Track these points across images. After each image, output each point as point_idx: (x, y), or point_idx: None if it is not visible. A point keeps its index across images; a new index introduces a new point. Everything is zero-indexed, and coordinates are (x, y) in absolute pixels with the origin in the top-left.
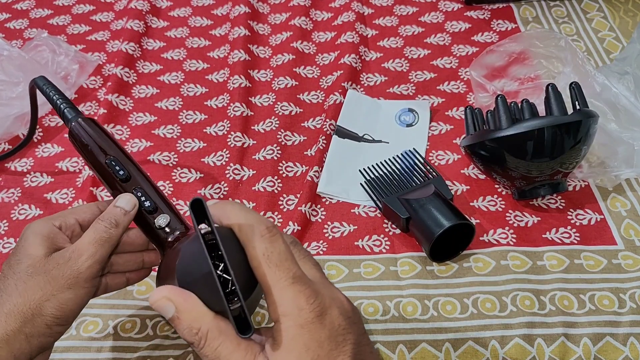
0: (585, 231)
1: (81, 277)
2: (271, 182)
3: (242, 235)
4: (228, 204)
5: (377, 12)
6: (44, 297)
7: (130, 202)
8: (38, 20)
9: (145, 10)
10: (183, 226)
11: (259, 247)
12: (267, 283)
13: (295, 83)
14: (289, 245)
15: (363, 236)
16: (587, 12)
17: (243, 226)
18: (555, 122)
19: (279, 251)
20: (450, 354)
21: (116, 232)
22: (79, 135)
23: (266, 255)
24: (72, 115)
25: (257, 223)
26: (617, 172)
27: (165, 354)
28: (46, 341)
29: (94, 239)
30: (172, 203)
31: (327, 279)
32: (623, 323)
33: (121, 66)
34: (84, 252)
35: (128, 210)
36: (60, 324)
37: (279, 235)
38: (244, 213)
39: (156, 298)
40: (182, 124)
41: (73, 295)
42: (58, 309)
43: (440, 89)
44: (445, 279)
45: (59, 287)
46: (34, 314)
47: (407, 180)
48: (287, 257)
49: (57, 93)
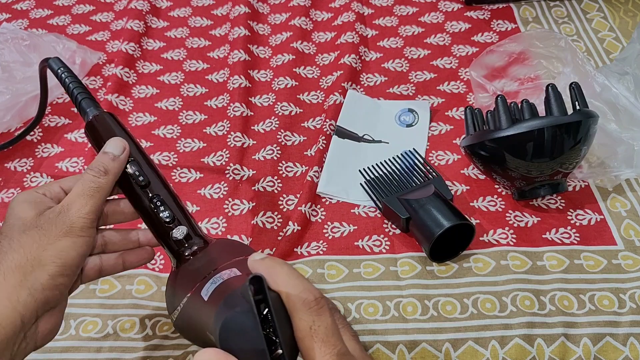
0: (585, 231)
1: (75, 227)
2: (271, 182)
3: (289, 304)
4: (277, 265)
5: (377, 12)
6: (40, 247)
7: (119, 146)
8: (38, 20)
9: (145, 10)
10: (201, 240)
11: (306, 320)
12: (311, 357)
13: (295, 83)
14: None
15: (363, 236)
16: (587, 12)
17: (291, 295)
18: (555, 122)
19: (326, 325)
20: (450, 354)
21: (106, 180)
22: (98, 131)
23: (313, 329)
24: (90, 108)
25: (306, 293)
26: (617, 172)
27: (165, 354)
28: (52, 295)
29: (83, 189)
30: (189, 213)
31: (364, 350)
32: (623, 323)
33: (121, 66)
34: (74, 205)
35: (117, 154)
36: (63, 273)
37: (326, 307)
38: (292, 280)
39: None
40: (182, 124)
41: (70, 242)
42: (57, 257)
43: (440, 89)
44: (445, 279)
45: (54, 237)
46: (33, 265)
47: (407, 180)
48: (333, 333)
49: (74, 80)
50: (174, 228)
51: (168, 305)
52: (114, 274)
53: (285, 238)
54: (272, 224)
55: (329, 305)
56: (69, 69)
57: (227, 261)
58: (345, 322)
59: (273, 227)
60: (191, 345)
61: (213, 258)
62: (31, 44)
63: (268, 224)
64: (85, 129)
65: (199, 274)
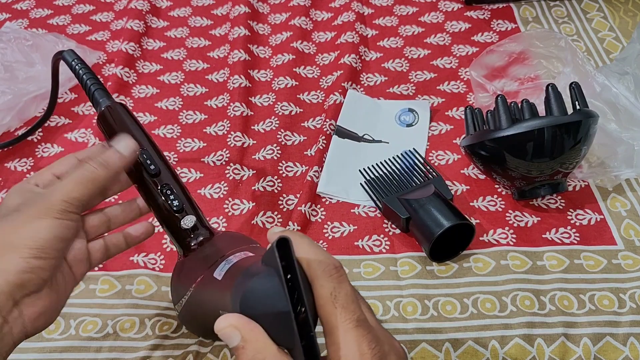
0: (585, 231)
1: (53, 209)
2: (271, 182)
3: (310, 271)
4: (297, 236)
5: (377, 12)
6: (13, 230)
7: (128, 146)
8: (38, 20)
9: (145, 10)
10: (207, 230)
11: (327, 286)
12: (331, 323)
13: (295, 83)
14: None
15: (363, 236)
16: (587, 12)
17: (312, 262)
18: (555, 122)
19: (346, 292)
20: (450, 354)
21: (103, 174)
22: (109, 121)
23: (333, 295)
24: (103, 99)
25: (326, 261)
26: (617, 172)
27: (165, 354)
28: (27, 278)
29: (76, 176)
30: (196, 204)
31: (380, 323)
32: (623, 323)
33: (121, 66)
34: (61, 188)
35: (124, 154)
36: (37, 256)
37: (345, 276)
38: (313, 249)
39: (223, 325)
40: (182, 124)
41: (46, 224)
42: (30, 239)
43: (440, 89)
44: (445, 279)
45: (29, 217)
46: (6, 248)
47: (407, 180)
48: (353, 300)
49: (88, 71)
50: (182, 217)
51: (173, 295)
52: (118, 252)
53: None
54: (272, 223)
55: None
56: (82, 60)
57: (233, 249)
58: (361, 297)
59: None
60: (191, 345)
61: (221, 247)
62: (34, 44)
63: (268, 223)
64: (97, 119)
65: (207, 262)
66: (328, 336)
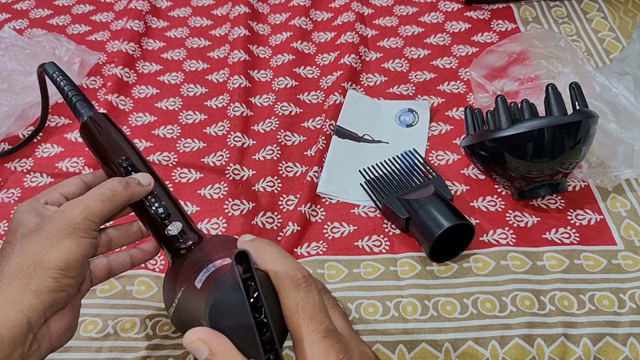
0: (585, 231)
1: (79, 229)
2: (271, 182)
3: (277, 282)
4: (265, 245)
5: (377, 12)
6: (43, 251)
7: (147, 177)
8: (38, 20)
9: (145, 10)
10: (195, 235)
11: (294, 297)
12: (298, 334)
13: (295, 83)
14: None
15: (363, 236)
16: (587, 12)
17: (279, 273)
18: (555, 123)
19: (313, 302)
20: (450, 354)
21: (123, 193)
22: (92, 131)
23: (300, 305)
24: (85, 109)
25: (294, 271)
26: (617, 172)
27: (165, 353)
28: (58, 297)
29: (96, 193)
30: (184, 209)
31: (353, 330)
32: (623, 323)
33: (121, 66)
34: (81, 204)
35: (143, 183)
36: (68, 275)
37: (314, 285)
38: (280, 259)
39: (191, 340)
40: (182, 124)
41: (74, 244)
42: (60, 260)
43: (440, 89)
44: (445, 279)
45: (56, 238)
46: (36, 269)
47: (407, 180)
48: (320, 310)
49: (69, 83)
50: (169, 224)
51: (165, 301)
52: (122, 272)
53: (285, 238)
54: (272, 224)
55: (318, 285)
56: (63, 72)
57: (220, 253)
58: (334, 303)
59: (273, 227)
60: None
61: (208, 251)
62: (31, 53)
63: (268, 224)
64: (80, 130)
65: (194, 267)
66: (296, 347)
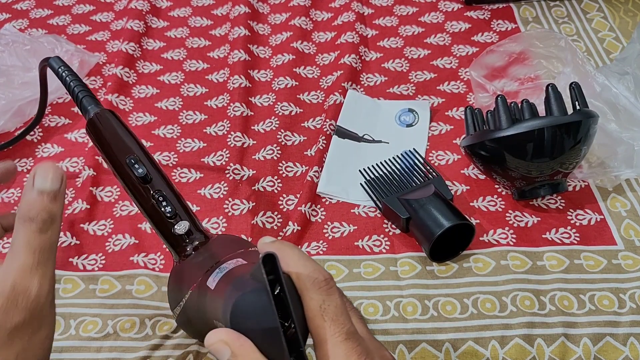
0: (585, 231)
1: (45, 307)
2: (271, 182)
3: (300, 284)
4: (287, 248)
5: (377, 12)
6: (23, 350)
7: (55, 177)
8: (38, 20)
9: (145, 10)
10: (202, 235)
11: (317, 299)
12: (321, 336)
13: (295, 83)
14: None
15: (363, 236)
16: (587, 12)
17: (301, 275)
18: (555, 122)
19: (335, 305)
20: (450, 354)
21: (56, 231)
22: (99, 128)
23: (323, 307)
24: (92, 106)
25: (316, 273)
26: (617, 172)
27: (165, 354)
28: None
29: (34, 259)
30: (190, 209)
31: (370, 332)
32: (623, 323)
33: (121, 66)
34: (30, 284)
35: (55, 189)
36: (47, 355)
37: (335, 288)
38: (302, 261)
39: (213, 340)
40: (182, 124)
41: (47, 330)
42: (39, 356)
43: (440, 89)
44: (445, 279)
45: (28, 336)
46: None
47: (407, 180)
48: (342, 312)
49: (75, 78)
50: (175, 223)
51: (170, 300)
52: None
53: (285, 238)
54: (272, 224)
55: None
56: (69, 67)
57: (230, 254)
58: (352, 306)
59: (273, 227)
60: (191, 345)
61: (216, 251)
62: (32, 49)
63: (268, 224)
64: (87, 126)
65: (203, 267)
66: (318, 349)
